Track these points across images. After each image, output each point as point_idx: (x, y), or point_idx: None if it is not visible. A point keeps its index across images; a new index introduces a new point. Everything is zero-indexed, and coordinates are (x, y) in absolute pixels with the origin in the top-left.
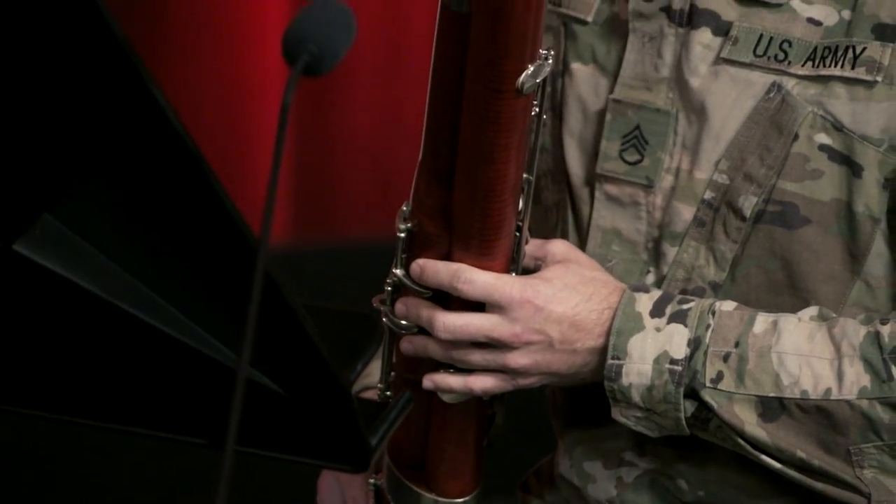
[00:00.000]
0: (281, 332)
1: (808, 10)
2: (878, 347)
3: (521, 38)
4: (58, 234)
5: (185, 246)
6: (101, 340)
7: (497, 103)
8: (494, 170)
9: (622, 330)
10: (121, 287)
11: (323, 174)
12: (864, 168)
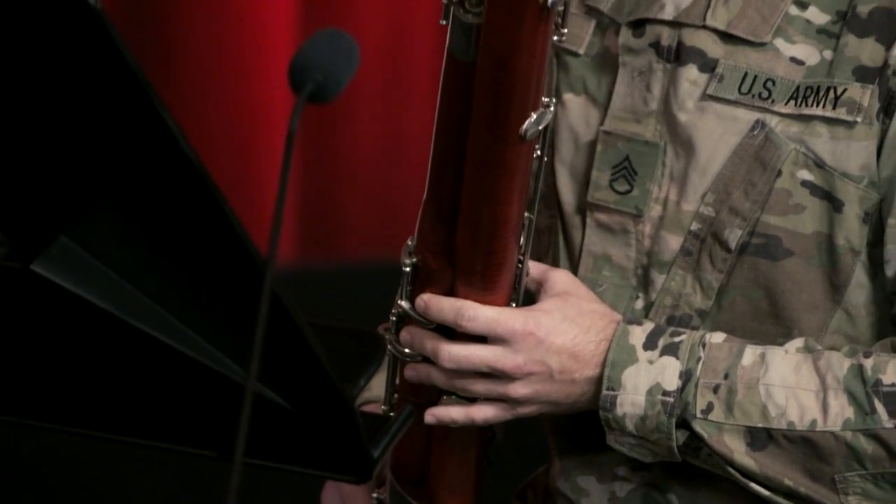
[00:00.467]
0: (287, 348)
1: (790, 49)
2: (862, 381)
3: (524, 89)
4: (73, 255)
5: (194, 265)
6: (114, 356)
7: (501, 150)
8: (497, 212)
9: (616, 362)
10: (133, 305)
11: (327, 197)
12: (845, 203)
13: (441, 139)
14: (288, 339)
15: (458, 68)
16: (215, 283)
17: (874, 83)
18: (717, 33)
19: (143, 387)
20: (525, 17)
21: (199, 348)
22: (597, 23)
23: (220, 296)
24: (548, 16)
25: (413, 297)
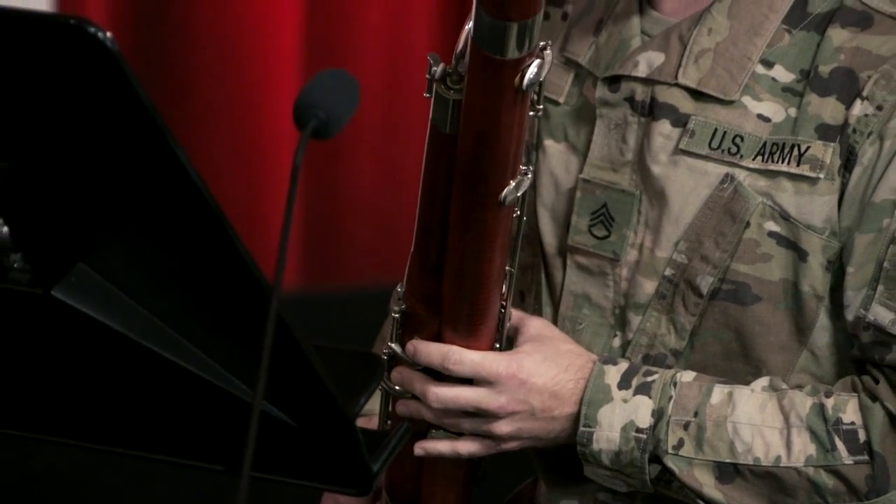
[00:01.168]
0: (292, 368)
1: (758, 106)
2: (823, 419)
3: (503, 159)
4: (91, 281)
5: (205, 291)
6: (128, 376)
7: (481, 214)
8: (479, 268)
9: (593, 401)
10: (147, 328)
11: (329, 227)
12: (809, 253)
13: (426, 200)
14: (292, 360)
15: (441, 139)
16: (224, 307)
17: (835, 141)
18: (689, 90)
19: (156, 404)
20: (502, 98)
21: (208, 368)
22: (575, 74)
23: (228, 319)
24: (524, 96)
25: (402, 341)
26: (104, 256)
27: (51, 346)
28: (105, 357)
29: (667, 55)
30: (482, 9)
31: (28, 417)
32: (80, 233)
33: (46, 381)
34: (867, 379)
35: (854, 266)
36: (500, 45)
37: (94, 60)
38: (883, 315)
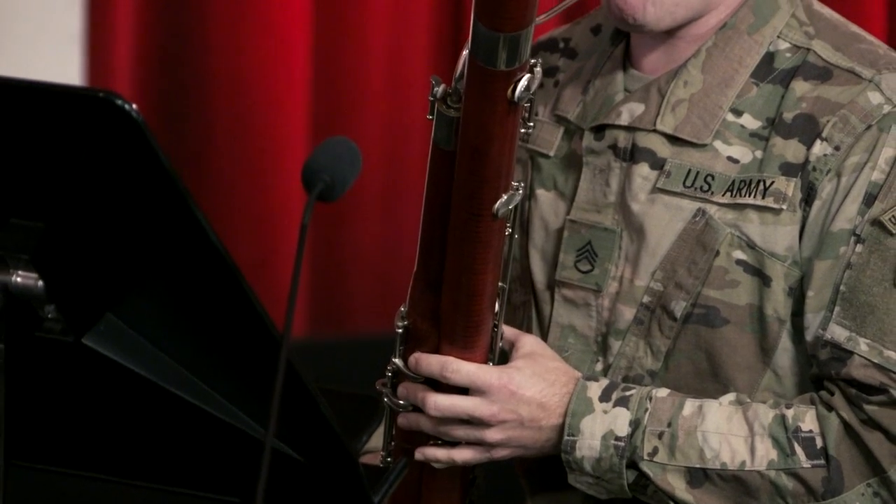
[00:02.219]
0: (300, 409)
1: (728, 150)
2: (784, 428)
3: (496, 173)
4: (118, 330)
5: (221, 338)
6: (151, 416)
7: (476, 225)
8: (475, 280)
9: (576, 412)
10: (168, 372)
11: (334, 280)
12: (773, 279)
13: (428, 218)
14: (301, 402)
15: (442, 156)
16: (239, 353)
17: (797, 177)
18: (666, 136)
19: (176, 441)
20: (496, 110)
21: (224, 409)
22: (565, 129)
23: (242, 364)
24: (515, 109)
25: (405, 356)
26: (130, 307)
27: (81, 389)
28: (130, 398)
29: (646, 105)
30: (478, 20)
31: (60, 453)
32: (108, 286)
33: (77, 420)
34: (824, 393)
35: (813, 290)
36: (493, 57)
37: (122, 129)
38: (839, 333)
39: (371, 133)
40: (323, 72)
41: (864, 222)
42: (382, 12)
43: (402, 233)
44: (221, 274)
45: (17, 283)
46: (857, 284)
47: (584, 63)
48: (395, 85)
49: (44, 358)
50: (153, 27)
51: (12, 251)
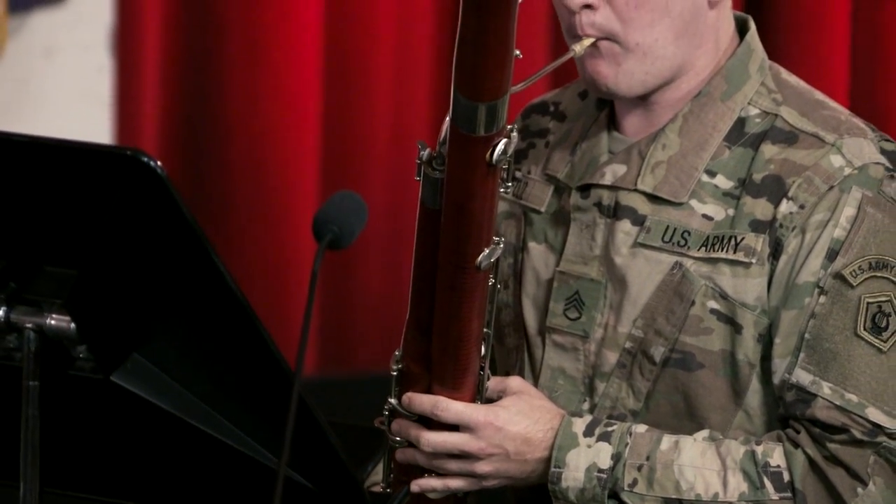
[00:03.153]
0: (310, 440)
1: (702, 208)
2: (754, 463)
3: (478, 229)
4: (143, 369)
5: (238, 375)
6: (174, 446)
7: (461, 277)
8: (461, 327)
9: (562, 446)
10: (190, 407)
11: (343, 323)
12: (744, 327)
13: (417, 271)
14: (311, 434)
15: (428, 214)
16: (254, 389)
17: (765, 233)
18: (646, 195)
19: (196, 470)
20: (476, 172)
21: (240, 440)
22: (554, 187)
23: (258, 399)
24: (494, 170)
25: (400, 396)
26: (155, 348)
27: (109, 422)
28: (154, 431)
29: (628, 167)
30: (458, 91)
31: (90, 480)
32: (135, 328)
33: (105, 450)
34: (790, 431)
35: (780, 337)
36: (472, 124)
37: (148, 184)
38: (804, 377)
39: (376, 188)
40: (332, 131)
41: (826, 275)
42: (387, 79)
43: (404, 280)
44: (238, 316)
45: (52, 326)
46: (821, 333)
47: (572, 126)
48: (398, 145)
49: (75, 394)
50: (176, 91)
51: (47, 296)
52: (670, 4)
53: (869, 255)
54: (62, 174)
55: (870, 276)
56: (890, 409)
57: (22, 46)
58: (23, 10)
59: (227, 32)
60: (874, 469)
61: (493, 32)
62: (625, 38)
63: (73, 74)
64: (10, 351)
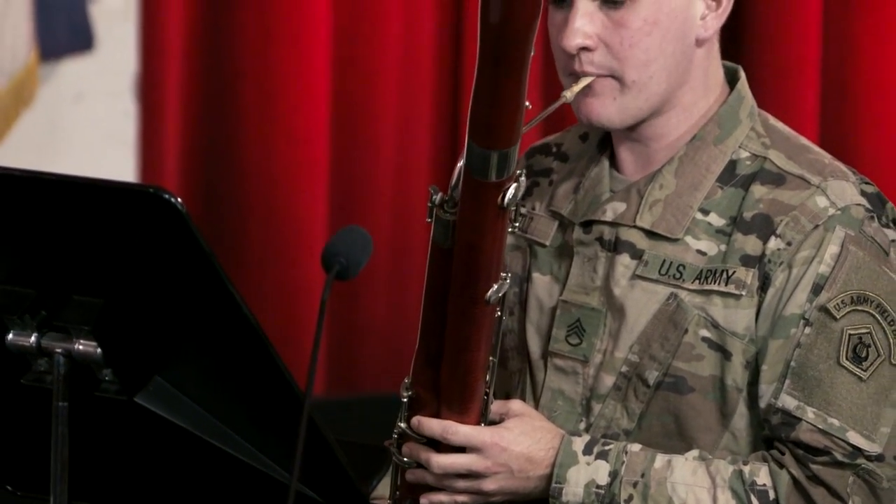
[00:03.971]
0: (319, 457)
1: (697, 244)
2: (742, 481)
3: (488, 267)
4: (164, 390)
5: (252, 396)
6: (192, 462)
7: (472, 311)
8: (469, 357)
9: (563, 463)
10: (207, 425)
11: (349, 348)
12: (733, 354)
13: (428, 305)
14: (320, 451)
15: (440, 253)
16: (267, 409)
17: (755, 267)
18: (644, 231)
19: (213, 484)
20: (488, 215)
21: (254, 457)
22: (559, 223)
23: (270, 418)
24: (504, 213)
25: (409, 420)
26: (176, 371)
27: (133, 440)
28: (174, 447)
29: (628, 204)
30: (472, 140)
31: (115, 494)
32: (157, 353)
33: (129, 466)
34: (775, 452)
35: (767, 365)
36: (485, 171)
37: (169, 219)
38: (789, 402)
39: (380, 223)
40: (339, 171)
41: (812, 308)
42: (390, 123)
43: (407, 307)
44: (253, 342)
45: (79, 351)
46: (806, 361)
47: (574, 165)
48: (400, 184)
49: (101, 414)
50: (195, 135)
51: (75, 323)
52: (662, 44)
53: (851, 290)
54: (90, 210)
55: (852, 309)
56: (869, 433)
57: (53, 92)
58: (53, 58)
59: (242, 80)
60: (853, 489)
61: (507, 87)
62: (622, 76)
63: (100, 119)
64: (41, 374)
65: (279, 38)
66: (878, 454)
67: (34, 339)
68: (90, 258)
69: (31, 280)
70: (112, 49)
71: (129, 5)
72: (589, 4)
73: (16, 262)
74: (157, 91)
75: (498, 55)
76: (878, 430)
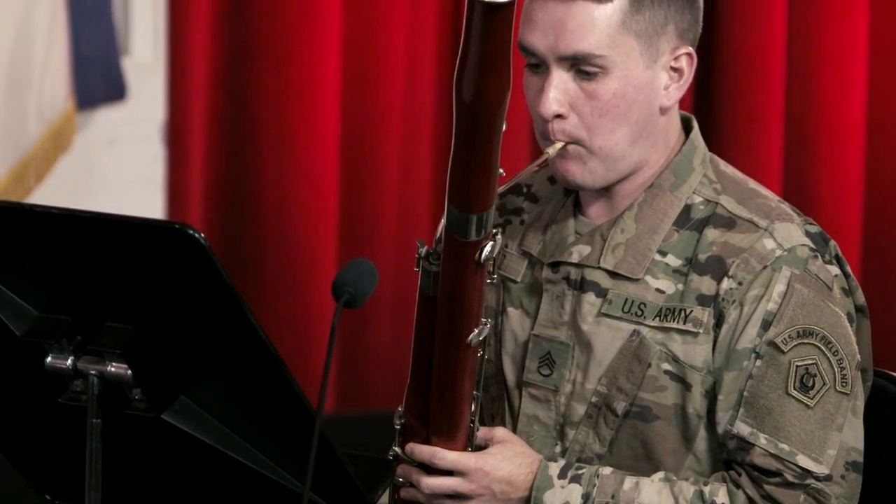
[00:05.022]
0: (330, 468)
1: (656, 283)
2: (702, 500)
3: (468, 314)
4: (188, 408)
5: (268, 413)
6: (213, 473)
7: (455, 353)
8: (454, 392)
9: (540, 487)
10: (226, 439)
11: (357, 369)
12: (693, 385)
13: (417, 345)
14: (331, 463)
15: (426, 299)
16: (282, 425)
17: (710, 306)
18: (607, 272)
19: (233, 494)
20: (467, 270)
21: (270, 468)
22: (528, 261)
23: (285, 433)
24: (482, 268)
25: (402, 445)
26: (199, 390)
27: (160, 453)
28: (197, 460)
29: (592, 247)
30: (451, 205)
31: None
32: (182, 374)
33: (157, 477)
34: (732, 473)
35: (723, 394)
36: (464, 231)
37: (193, 252)
38: (743, 429)
39: (385, 256)
40: (347, 210)
41: (761, 343)
42: (394, 168)
43: (408, 333)
44: (269, 364)
45: (111, 372)
46: (757, 391)
47: (543, 208)
48: (403, 221)
49: (131, 430)
50: (218, 176)
51: (108, 347)
52: (628, 113)
53: (797, 325)
54: (121, 244)
55: (798, 342)
56: (817, 455)
57: (88, 138)
58: (89, 107)
59: (259, 128)
60: None
61: (481, 158)
62: (590, 143)
63: (131, 162)
64: (77, 394)
65: (293, 91)
66: (826, 475)
67: (70, 362)
68: (122, 288)
69: (67, 308)
70: (142, 99)
71: (158, 59)
72: (564, 75)
73: (54, 291)
74: (182, 137)
75: (470, 130)
76: (826, 453)
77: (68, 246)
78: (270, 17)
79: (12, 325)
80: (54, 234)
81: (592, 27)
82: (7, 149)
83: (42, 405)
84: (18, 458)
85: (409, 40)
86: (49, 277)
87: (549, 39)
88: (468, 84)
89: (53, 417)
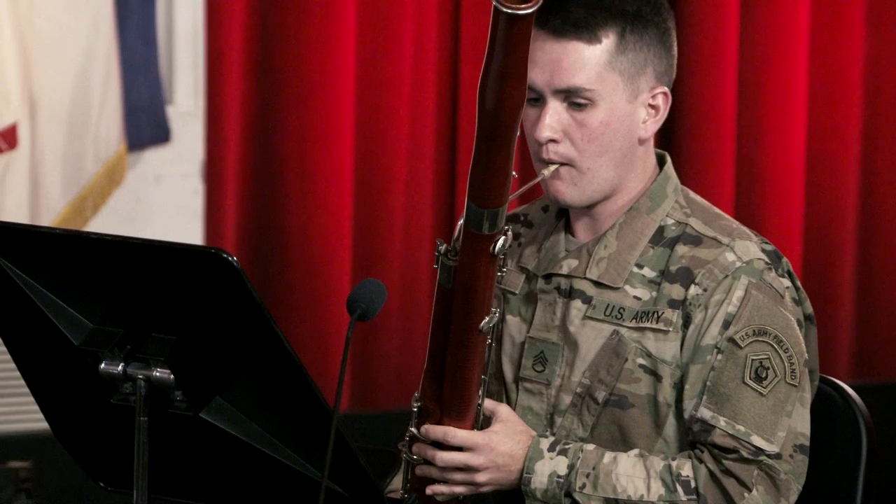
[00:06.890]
0: (345, 459)
1: (633, 291)
2: (670, 473)
3: (481, 302)
4: (223, 408)
5: (292, 411)
6: (245, 464)
7: (468, 338)
8: (466, 375)
9: (532, 458)
10: (256, 435)
11: (368, 373)
12: (663, 377)
13: (434, 333)
14: (346, 455)
15: (444, 292)
16: (304, 421)
17: (679, 309)
18: (592, 282)
19: (261, 482)
20: (482, 261)
21: (294, 459)
22: (525, 276)
23: (306, 429)
24: (495, 260)
25: (418, 426)
26: (232, 392)
27: (199, 447)
28: (231, 453)
29: (579, 261)
30: (470, 200)
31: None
32: (218, 379)
33: (195, 468)
34: (696, 451)
35: (689, 384)
36: (480, 225)
37: (227, 274)
38: (706, 413)
39: (393, 276)
40: (360, 235)
41: (722, 339)
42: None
43: (413, 342)
44: (293, 370)
45: (156, 377)
46: (718, 381)
47: (538, 231)
48: (409, 246)
49: (173, 426)
50: (249, 208)
51: (153, 356)
52: (613, 141)
53: (753, 325)
54: (166, 266)
55: (754, 340)
56: (768, 436)
57: (138, 175)
58: (138, 148)
59: (285, 166)
60: (757, 479)
61: (498, 159)
62: (580, 165)
63: (175, 196)
64: (126, 395)
65: (314, 135)
66: (776, 453)
67: (121, 368)
68: (166, 304)
69: (119, 321)
70: (184, 141)
71: (198, 108)
72: (559, 105)
73: (107, 306)
74: (219, 174)
75: (491, 134)
76: (776, 435)
77: (120, 268)
78: (295, 71)
79: (71, 335)
80: (108, 257)
81: (583, 65)
82: (68, 184)
83: (96, 405)
84: (77, 451)
85: (412, 91)
86: (103, 294)
87: (546, 75)
88: (490, 95)
89: (106, 416)
